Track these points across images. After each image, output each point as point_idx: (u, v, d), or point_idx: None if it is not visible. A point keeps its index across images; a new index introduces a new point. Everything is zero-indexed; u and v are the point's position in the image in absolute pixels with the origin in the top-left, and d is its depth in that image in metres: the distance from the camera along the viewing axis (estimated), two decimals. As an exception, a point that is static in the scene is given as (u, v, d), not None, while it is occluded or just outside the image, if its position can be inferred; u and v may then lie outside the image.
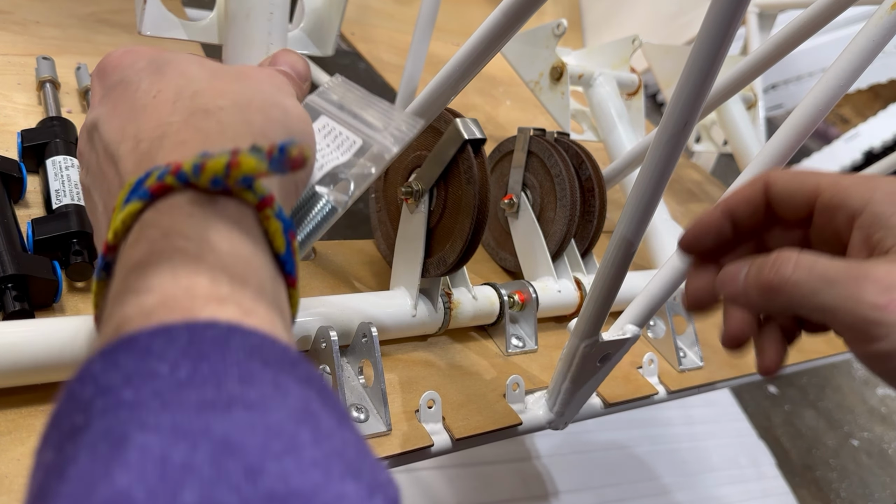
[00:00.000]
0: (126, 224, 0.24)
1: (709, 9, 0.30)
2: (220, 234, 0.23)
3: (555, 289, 0.56)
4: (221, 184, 0.23)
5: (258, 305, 0.22)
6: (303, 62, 0.36)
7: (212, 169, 0.23)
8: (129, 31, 0.74)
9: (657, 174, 0.35)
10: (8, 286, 0.38)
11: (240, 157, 0.23)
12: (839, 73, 0.42)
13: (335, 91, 0.35)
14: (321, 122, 0.34)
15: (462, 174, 0.45)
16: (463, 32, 1.18)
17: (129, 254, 0.23)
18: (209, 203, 0.23)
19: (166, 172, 0.23)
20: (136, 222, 0.24)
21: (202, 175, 0.23)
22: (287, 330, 0.23)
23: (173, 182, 0.23)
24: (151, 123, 0.27)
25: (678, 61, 0.84)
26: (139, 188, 0.24)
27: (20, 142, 0.49)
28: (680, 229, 0.72)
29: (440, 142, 0.46)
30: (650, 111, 1.05)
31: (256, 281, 0.23)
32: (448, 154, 0.45)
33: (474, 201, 0.45)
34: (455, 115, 0.47)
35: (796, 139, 0.42)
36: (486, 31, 0.37)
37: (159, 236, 0.22)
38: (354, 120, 0.34)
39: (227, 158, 0.23)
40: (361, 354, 0.44)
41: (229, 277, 0.22)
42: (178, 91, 0.28)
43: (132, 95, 0.29)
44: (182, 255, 0.22)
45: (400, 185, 0.49)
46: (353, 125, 0.34)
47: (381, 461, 0.40)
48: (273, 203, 0.25)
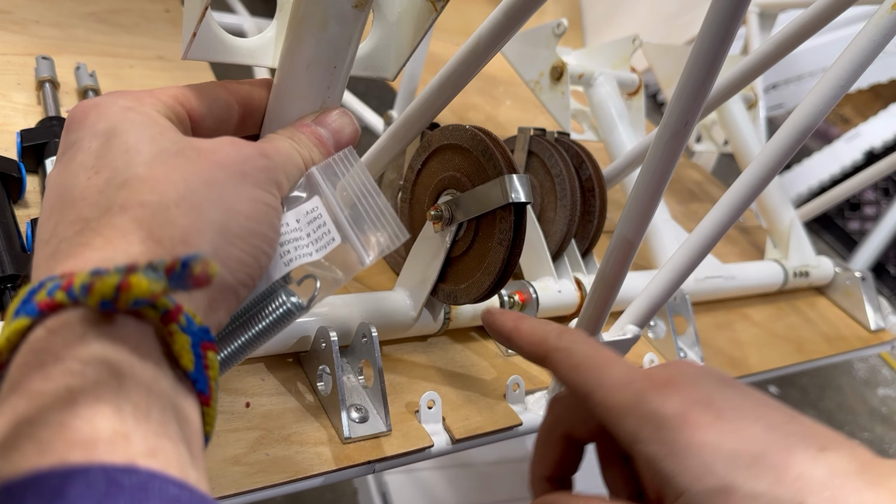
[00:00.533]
0: (12, 342, 0.22)
1: (709, 8, 0.30)
2: (118, 357, 0.21)
3: (555, 289, 0.56)
4: (111, 307, 0.21)
5: (162, 441, 0.20)
6: (352, 129, 0.34)
7: (100, 291, 0.21)
8: (128, 31, 0.74)
9: (658, 174, 0.35)
10: (7, 286, 0.38)
11: (131, 279, 0.20)
12: (840, 73, 0.41)
13: (341, 167, 0.32)
14: (313, 203, 0.32)
15: (496, 232, 0.44)
16: (463, 32, 1.18)
17: (18, 376, 0.21)
18: (103, 323, 0.22)
19: (57, 287, 0.22)
20: (24, 340, 0.22)
21: (90, 296, 0.21)
22: (194, 463, 0.22)
23: (64, 299, 0.21)
24: (72, 216, 0.25)
25: (679, 61, 0.84)
26: (29, 302, 0.22)
27: (19, 141, 0.49)
28: (681, 229, 0.72)
29: (485, 187, 0.43)
30: (650, 111, 1.05)
31: (159, 410, 0.21)
32: (489, 204, 0.43)
33: (500, 264, 0.44)
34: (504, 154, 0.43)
35: (797, 139, 0.42)
36: (486, 31, 0.37)
37: (51, 360, 0.21)
38: (342, 212, 0.31)
39: (118, 279, 0.21)
40: (361, 355, 0.44)
41: (132, 408, 0.20)
42: (111, 176, 0.26)
43: (72, 169, 0.27)
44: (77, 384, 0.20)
45: (430, 199, 0.48)
46: (339, 218, 0.31)
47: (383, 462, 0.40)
48: (179, 316, 0.23)
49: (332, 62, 0.33)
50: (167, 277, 0.21)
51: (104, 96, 0.29)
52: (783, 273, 0.75)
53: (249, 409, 0.40)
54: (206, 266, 0.21)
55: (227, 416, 0.39)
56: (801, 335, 0.72)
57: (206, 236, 0.26)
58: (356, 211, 0.31)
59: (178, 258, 0.21)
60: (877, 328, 0.77)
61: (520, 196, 0.42)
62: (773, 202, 0.79)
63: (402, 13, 0.37)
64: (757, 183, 0.43)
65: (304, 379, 0.44)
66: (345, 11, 0.32)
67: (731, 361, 0.63)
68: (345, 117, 0.34)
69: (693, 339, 0.61)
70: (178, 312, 0.23)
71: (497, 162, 0.43)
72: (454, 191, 0.46)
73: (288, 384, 0.43)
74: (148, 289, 0.20)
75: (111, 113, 0.28)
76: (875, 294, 0.80)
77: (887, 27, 0.41)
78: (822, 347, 0.72)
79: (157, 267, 0.21)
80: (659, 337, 0.61)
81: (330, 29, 0.32)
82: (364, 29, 0.34)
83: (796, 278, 0.76)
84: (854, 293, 0.79)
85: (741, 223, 0.95)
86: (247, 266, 0.28)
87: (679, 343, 0.60)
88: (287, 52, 0.33)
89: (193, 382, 0.24)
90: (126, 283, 0.20)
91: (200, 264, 0.20)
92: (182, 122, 0.31)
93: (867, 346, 0.75)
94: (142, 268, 0.21)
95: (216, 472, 0.36)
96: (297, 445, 0.39)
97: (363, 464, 0.40)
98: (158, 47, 0.73)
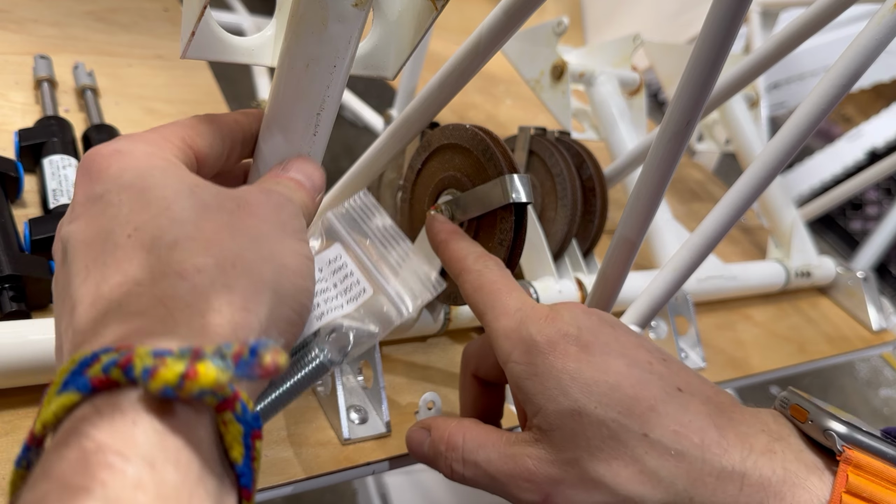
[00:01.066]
0: (58, 417, 0.20)
1: (711, 7, 0.29)
2: (165, 452, 0.19)
3: (556, 289, 0.56)
4: (173, 394, 0.19)
5: None
6: (320, 173, 0.32)
7: (163, 378, 0.19)
8: (126, 30, 0.73)
9: (659, 173, 0.35)
10: (5, 286, 0.38)
11: (198, 367, 0.19)
12: (842, 72, 0.41)
13: (358, 212, 0.31)
14: (334, 251, 0.30)
15: (497, 233, 0.43)
16: (463, 30, 1.18)
17: (55, 458, 0.19)
18: (159, 412, 0.20)
19: (113, 364, 0.20)
20: (69, 416, 0.20)
21: (152, 382, 0.19)
22: None
23: (120, 378, 0.20)
24: (117, 277, 0.23)
25: (680, 60, 0.84)
26: (80, 376, 0.20)
27: (17, 141, 0.49)
28: (682, 229, 0.72)
29: (485, 187, 0.43)
30: (652, 110, 1.05)
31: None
32: (489, 204, 0.43)
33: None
34: (505, 154, 0.43)
35: (799, 138, 0.42)
36: (486, 30, 0.37)
37: (94, 450, 0.19)
38: (369, 260, 0.30)
39: (184, 367, 0.19)
40: (361, 356, 0.44)
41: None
42: (156, 235, 0.24)
43: (108, 224, 0.25)
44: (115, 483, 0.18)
45: (430, 199, 0.47)
46: (367, 266, 0.30)
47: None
48: (236, 403, 0.21)
49: (331, 61, 0.32)
50: (235, 365, 0.20)
51: (121, 142, 0.27)
52: (785, 273, 0.75)
53: (248, 411, 0.40)
54: (276, 356, 0.20)
55: (226, 417, 0.39)
56: (803, 336, 0.72)
57: (263, 298, 0.24)
58: (384, 258, 0.30)
59: (247, 345, 0.20)
60: (879, 329, 0.77)
61: (521, 196, 0.42)
62: (775, 202, 0.78)
63: (402, 12, 0.36)
64: (759, 182, 0.43)
65: (303, 380, 0.44)
66: (345, 10, 0.31)
67: (733, 362, 0.63)
68: (309, 162, 0.33)
69: (695, 340, 0.61)
70: (235, 400, 0.21)
71: (497, 161, 0.43)
72: (454, 190, 0.46)
73: (287, 385, 0.43)
74: (216, 380, 0.19)
75: (135, 161, 0.26)
76: (877, 294, 0.80)
77: (889, 26, 0.41)
78: (824, 348, 0.71)
79: (224, 354, 0.20)
80: (660, 337, 0.61)
81: (330, 28, 0.31)
82: (364, 28, 0.33)
83: (798, 278, 0.76)
84: (856, 293, 0.79)
85: (743, 223, 0.95)
86: (294, 326, 0.26)
87: (680, 343, 0.60)
88: (286, 51, 0.33)
89: (238, 476, 0.22)
90: (193, 373, 0.19)
91: (271, 353, 0.20)
92: (192, 166, 0.30)
93: (869, 346, 0.75)
94: (209, 354, 0.20)
95: (214, 473, 0.36)
96: (297, 447, 0.39)
97: (363, 465, 0.40)
98: (157, 46, 0.73)
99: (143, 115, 0.62)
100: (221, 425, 0.21)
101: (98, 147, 0.27)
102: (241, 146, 0.33)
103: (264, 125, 0.34)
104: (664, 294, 0.44)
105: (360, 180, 0.47)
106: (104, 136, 0.52)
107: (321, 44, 0.32)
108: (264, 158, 0.34)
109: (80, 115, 0.58)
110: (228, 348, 0.20)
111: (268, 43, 0.34)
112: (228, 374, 0.19)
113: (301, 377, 0.29)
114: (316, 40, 0.32)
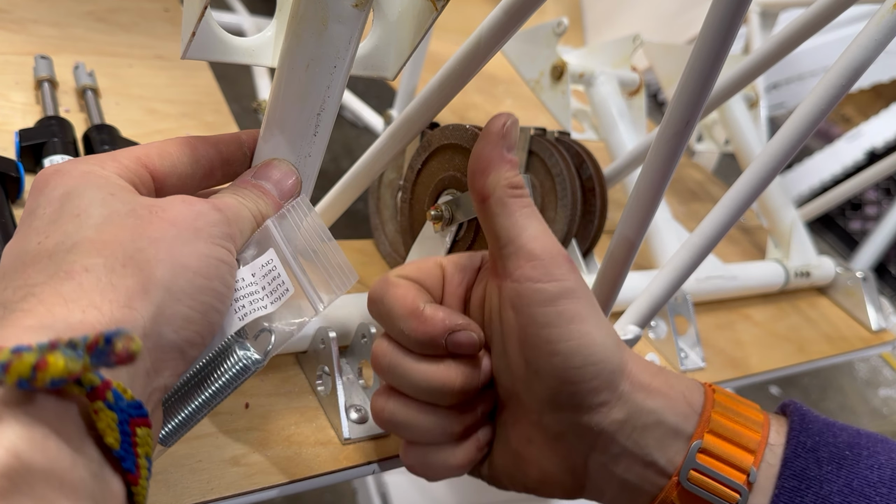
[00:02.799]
0: None
1: (710, 7, 0.29)
2: (32, 441, 0.20)
3: (555, 289, 0.56)
4: (28, 387, 0.20)
5: None
6: (293, 178, 0.34)
7: (17, 370, 0.20)
8: (126, 30, 0.73)
9: (659, 173, 0.35)
10: (5, 286, 0.38)
11: (48, 358, 0.20)
12: (841, 73, 0.41)
13: (295, 217, 0.32)
14: (267, 256, 0.31)
15: None
16: (463, 31, 1.18)
17: None
18: (21, 403, 0.21)
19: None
20: None
21: (8, 375, 0.20)
22: None
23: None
24: (20, 281, 0.25)
25: (680, 60, 0.84)
26: None
27: (18, 141, 0.49)
28: (682, 229, 0.72)
29: None
30: (651, 110, 1.05)
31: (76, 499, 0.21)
32: None
33: None
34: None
35: (798, 138, 0.42)
36: (486, 30, 0.37)
37: None
38: (295, 261, 0.31)
39: (36, 358, 0.20)
40: (361, 355, 0.44)
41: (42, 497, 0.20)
42: (60, 240, 0.26)
43: (26, 234, 0.27)
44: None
45: (430, 199, 0.48)
46: (293, 267, 0.31)
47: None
48: (106, 392, 0.22)
49: (331, 62, 0.33)
50: (89, 355, 0.20)
51: (67, 162, 0.29)
52: (784, 273, 0.75)
53: (249, 410, 0.40)
54: (128, 342, 0.20)
55: (227, 416, 0.39)
56: (803, 335, 0.72)
57: (151, 296, 0.25)
58: (309, 259, 0.31)
59: (101, 334, 0.20)
60: (878, 328, 0.77)
61: None
62: (775, 202, 0.79)
63: (402, 12, 0.36)
64: (758, 182, 0.43)
65: (303, 379, 0.44)
66: (345, 10, 0.31)
67: (733, 362, 0.63)
68: (284, 166, 0.33)
69: (694, 340, 0.61)
70: (105, 388, 0.22)
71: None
72: (454, 191, 0.46)
73: (287, 385, 0.43)
74: (65, 368, 0.20)
75: (70, 178, 0.28)
76: (877, 294, 0.80)
77: (889, 26, 0.41)
78: (823, 348, 0.71)
79: (77, 344, 0.20)
80: (660, 337, 0.61)
81: (330, 28, 0.32)
82: (364, 28, 0.33)
83: (797, 278, 0.76)
84: (855, 293, 0.79)
85: (742, 223, 0.95)
86: (194, 324, 0.27)
87: (680, 343, 0.60)
88: (287, 52, 0.33)
89: (120, 461, 0.23)
90: (43, 363, 0.20)
91: (123, 340, 0.20)
92: (145, 184, 0.30)
93: (869, 346, 0.75)
94: (62, 345, 0.20)
95: (215, 473, 0.36)
96: (297, 446, 0.39)
97: (363, 464, 0.40)
98: (157, 46, 0.73)
99: (143, 116, 0.62)
100: (93, 413, 0.22)
101: (46, 167, 0.29)
102: (226, 166, 0.34)
103: (264, 125, 0.34)
104: (664, 294, 0.44)
105: (360, 180, 0.47)
106: (105, 136, 0.52)
107: (321, 44, 0.32)
108: (264, 158, 0.34)
109: (81, 116, 0.58)
110: (83, 340, 0.21)
111: (268, 43, 0.35)
112: (80, 363, 0.20)
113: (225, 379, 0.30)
114: (316, 41, 0.32)
